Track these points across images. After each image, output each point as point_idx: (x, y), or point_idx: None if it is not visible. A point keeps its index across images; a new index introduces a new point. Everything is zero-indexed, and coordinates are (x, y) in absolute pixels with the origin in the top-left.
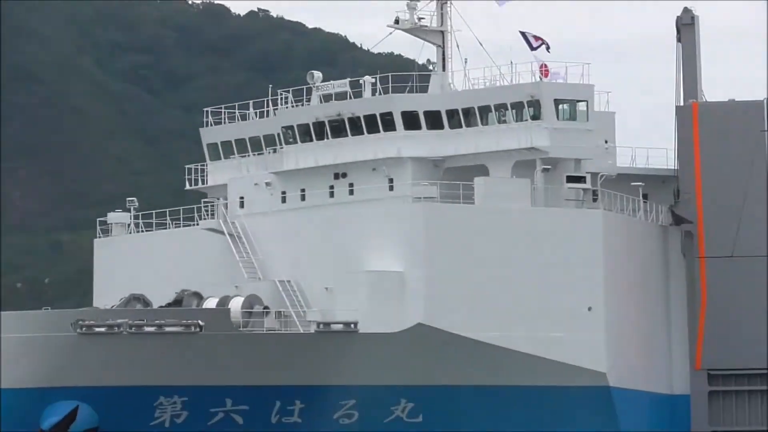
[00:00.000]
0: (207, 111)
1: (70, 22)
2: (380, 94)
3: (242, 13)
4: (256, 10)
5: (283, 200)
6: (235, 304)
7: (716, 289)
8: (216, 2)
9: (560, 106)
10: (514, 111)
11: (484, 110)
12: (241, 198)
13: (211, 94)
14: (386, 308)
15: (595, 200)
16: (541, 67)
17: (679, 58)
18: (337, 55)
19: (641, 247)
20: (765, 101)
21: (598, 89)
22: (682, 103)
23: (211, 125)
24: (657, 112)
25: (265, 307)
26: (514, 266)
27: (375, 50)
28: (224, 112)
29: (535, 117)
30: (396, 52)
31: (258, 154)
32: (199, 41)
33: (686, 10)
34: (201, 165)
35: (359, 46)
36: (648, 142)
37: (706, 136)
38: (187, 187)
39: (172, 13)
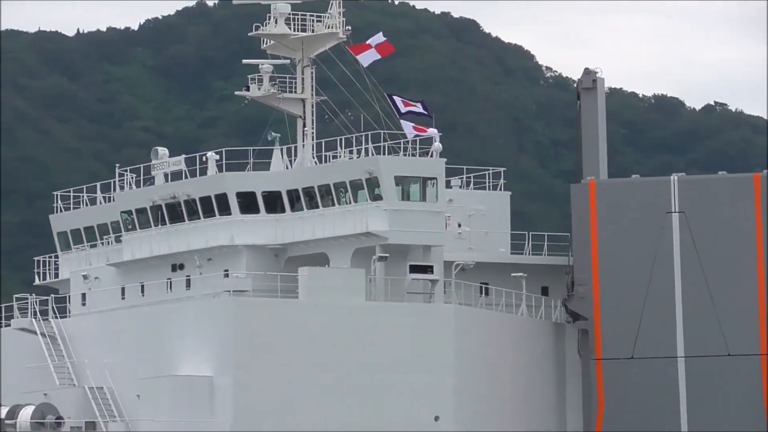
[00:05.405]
0: (56, 195)
1: (510, 118)
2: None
3: (697, 107)
4: (713, 103)
5: (123, 295)
6: (24, 415)
7: (614, 394)
8: (669, 95)
9: (411, 185)
10: (356, 191)
11: (325, 190)
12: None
13: None
14: (192, 418)
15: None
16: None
17: None
18: None
19: (522, 347)
20: (673, 178)
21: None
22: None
23: (62, 211)
24: None
25: (58, 418)
26: (344, 370)
27: None
28: (72, 197)
29: (377, 197)
30: None
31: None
32: (649, 138)
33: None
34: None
35: None
36: None
37: (604, 219)
38: (36, 281)
39: (619, 107)
